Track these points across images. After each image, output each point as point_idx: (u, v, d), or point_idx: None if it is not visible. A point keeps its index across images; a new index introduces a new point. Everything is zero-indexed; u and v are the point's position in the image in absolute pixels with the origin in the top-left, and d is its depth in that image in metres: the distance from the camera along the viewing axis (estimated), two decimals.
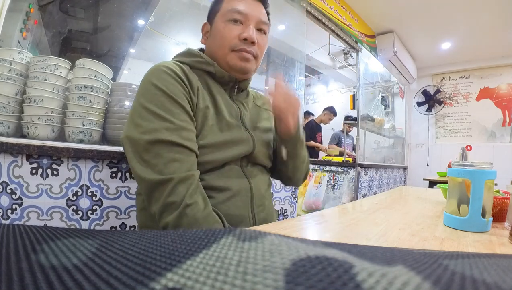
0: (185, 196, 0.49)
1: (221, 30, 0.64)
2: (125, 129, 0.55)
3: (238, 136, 0.62)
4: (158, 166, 0.50)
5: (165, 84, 0.55)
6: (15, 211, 0.67)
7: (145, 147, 0.51)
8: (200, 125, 0.58)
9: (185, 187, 0.50)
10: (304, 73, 2.13)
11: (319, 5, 2.18)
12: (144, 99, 0.54)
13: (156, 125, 0.52)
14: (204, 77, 0.65)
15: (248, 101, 0.74)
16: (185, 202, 0.49)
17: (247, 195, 0.62)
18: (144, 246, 0.17)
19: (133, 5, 1.85)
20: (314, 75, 4.70)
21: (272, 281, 0.12)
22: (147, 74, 0.58)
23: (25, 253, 0.15)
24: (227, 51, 0.64)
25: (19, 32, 1.09)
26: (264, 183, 0.69)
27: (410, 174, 4.07)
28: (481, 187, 0.43)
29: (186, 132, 0.54)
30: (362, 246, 0.21)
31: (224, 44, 0.64)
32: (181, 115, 0.55)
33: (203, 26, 0.70)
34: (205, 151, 0.57)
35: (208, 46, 0.69)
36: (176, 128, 0.53)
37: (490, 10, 2.58)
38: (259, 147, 0.66)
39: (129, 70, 1.94)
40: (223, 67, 0.65)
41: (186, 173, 0.51)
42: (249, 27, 0.64)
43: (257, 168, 0.68)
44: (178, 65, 0.60)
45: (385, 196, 0.87)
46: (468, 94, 3.84)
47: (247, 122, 0.68)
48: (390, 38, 3.10)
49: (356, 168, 2.43)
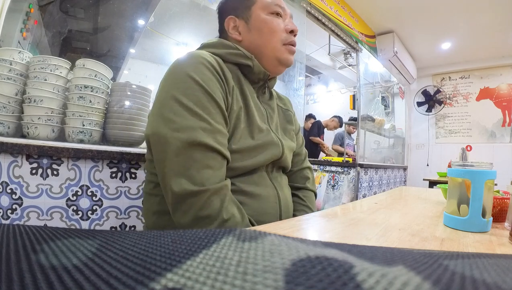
0: (221, 210, 0.45)
1: (269, 23, 0.61)
2: (152, 124, 0.49)
3: (268, 140, 0.59)
4: (190, 170, 0.45)
5: (204, 78, 0.50)
6: (15, 211, 0.67)
7: (178, 147, 0.46)
8: (233, 128, 0.54)
9: (219, 199, 0.46)
10: (304, 73, 2.13)
11: (319, 5, 2.18)
12: (178, 91, 0.49)
13: (192, 123, 0.47)
14: (237, 74, 0.60)
15: (273, 103, 0.71)
16: (222, 217, 0.45)
17: (276, 202, 0.59)
18: (144, 246, 0.17)
19: (133, 5, 1.85)
20: (314, 76, 4.71)
21: (272, 281, 0.12)
22: (181, 63, 0.52)
23: (25, 253, 0.15)
24: (279, 45, 0.62)
25: (19, 32, 1.09)
26: (287, 188, 0.67)
27: (410, 174, 4.07)
28: (481, 187, 0.43)
29: (221, 137, 0.50)
30: (362, 246, 0.21)
31: (275, 38, 0.61)
32: (217, 116, 0.50)
33: (229, 20, 0.64)
34: (236, 156, 0.53)
35: (248, 41, 0.63)
36: (213, 130, 0.48)
37: (490, 10, 2.58)
38: (286, 151, 0.64)
39: (129, 70, 1.94)
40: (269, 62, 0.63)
41: (219, 183, 0.47)
42: (288, 19, 0.64)
43: (280, 172, 0.67)
44: (214, 58, 0.55)
45: (385, 196, 0.87)
46: (468, 95, 3.84)
47: (274, 126, 0.66)
48: (390, 38, 3.10)
49: (356, 168, 2.42)
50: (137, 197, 0.83)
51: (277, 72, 0.66)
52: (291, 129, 0.74)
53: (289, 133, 0.72)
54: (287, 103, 0.79)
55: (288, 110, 0.77)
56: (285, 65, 0.64)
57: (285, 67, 0.65)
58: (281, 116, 0.73)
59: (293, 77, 2.12)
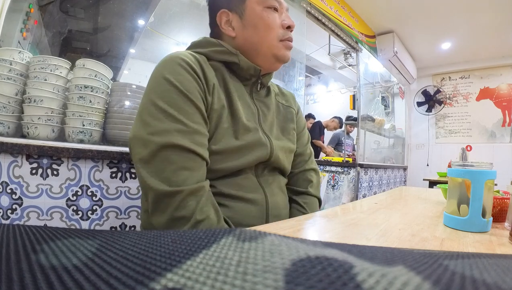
0: (196, 211, 0.45)
1: (265, 18, 0.58)
2: (133, 128, 0.50)
3: (254, 141, 0.57)
4: (165, 172, 0.46)
5: (179, 79, 0.50)
6: (15, 211, 0.67)
7: (153, 150, 0.46)
8: (214, 128, 0.53)
9: (195, 200, 0.45)
10: (304, 74, 2.13)
11: (319, 5, 2.18)
12: (155, 95, 0.49)
13: (167, 126, 0.47)
14: (221, 71, 0.58)
15: (269, 100, 0.67)
16: (195, 218, 0.45)
17: (263, 205, 0.57)
18: (144, 246, 0.17)
19: (133, 5, 1.85)
20: (314, 76, 4.71)
21: (272, 281, 0.12)
22: (159, 66, 0.52)
23: (25, 253, 0.15)
24: (276, 42, 0.59)
25: (19, 32, 1.09)
26: (280, 191, 0.63)
27: (410, 174, 4.07)
28: (481, 187, 0.43)
29: (199, 137, 0.49)
30: (362, 246, 0.21)
31: (272, 34, 0.59)
32: (195, 116, 0.50)
33: (221, 14, 0.61)
34: (218, 157, 0.52)
35: (242, 38, 0.60)
36: (189, 131, 0.48)
37: (490, 10, 2.58)
38: (278, 152, 0.61)
39: (129, 70, 1.93)
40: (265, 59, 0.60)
41: (196, 184, 0.46)
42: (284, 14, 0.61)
43: (274, 173, 0.63)
44: (194, 57, 0.54)
45: (385, 196, 0.87)
46: (468, 95, 3.84)
47: (267, 125, 0.63)
48: (390, 38, 3.10)
49: (356, 168, 2.42)
50: (137, 197, 0.83)
51: (274, 68, 0.64)
52: (292, 128, 0.70)
53: (288, 133, 0.68)
54: (290, 100, 0.75)
55: (289, 107, 0.73)
56: (282, 61, 0.62)
57: (282, 64, 0.64)
58: (280, 114, 0.70)
59: (293, 77, 2.12)
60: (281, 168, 0.64)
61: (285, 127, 0.69)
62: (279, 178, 0.65)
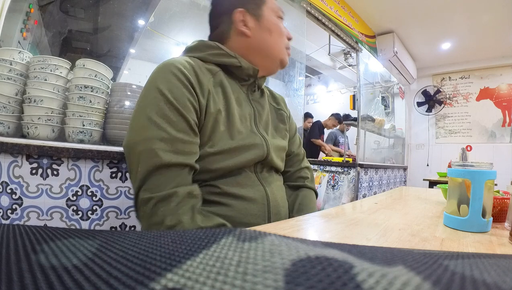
0: (165, 217, 0.46)
1: (278, 26, 0.65)
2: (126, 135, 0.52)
3: (250, 141, 0.59)
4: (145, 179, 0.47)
5: (170, 87, 0.51)
6: (15, 211, 0.67)
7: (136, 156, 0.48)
8: (210, 131, 0.55)
9: (165, 206, 0.46)
10: (304, 74, 2.13)
11: (319, 6, 2.18)
12: (144, 102, 0.51)
13: (149, 133, 0.48)
14: (219, 74, 0.60)
15: (263, 100, 0.70)
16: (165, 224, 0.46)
17: (264, 203, 0.58)
18: (144, 246, 0.17)
19: (133, 5, 1.85)
20: (314, 76, 4.71)
21: (272, 281, 0.12)
22: (154, 73, 0.54)
23: (25, 253, 0.15)
24: (283, 48, 0.66)
25: (19, 32, 1.09)
26: (280, 189, 0.66)
27: (410, 174, 4.07)
28: (481, 187, 0.43)
29: (181, 145, 0.50)
30: (362, 246, 0.21)
31: (282, 42, 0.66)
32: (179, 124, 0.50)
33: (238, 13, 0.62)
34: (216, 157, 0.54)
35: (257, 39, 0.63)
36: (171, 139, 0.49)
37: (490, 10, 2.58)
38: (273, 151, 0.63)
39: (129, 70, 1.93)
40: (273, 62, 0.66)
41: (167, 191, 0.47)
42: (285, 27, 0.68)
43: (272, 173, 0.66)
44: (189, 63, 0.55)
45: (385, 196, 0.87)
46: (468, 95, 3.84)
47: (262, 125, 0.65)
48: (390, 38, 3.10)
49: (356, 168, 2.42)
50: None
51: (274, 72, 0.69)
52: (284, 129, 0.73)
53: (280, 132, 0.71)
54: (281, 103, 0.79)
55: (281, 109, 0.76)
56: (283, 66, 0.69)
57: (282, 68, 0.69)
58: (273, 115, 0.73)
59: (293, 77, 2.12)
60: (275, 166, 0.67)
61: (278, 127, 0.73)
62: (277, 176, 0.68)
